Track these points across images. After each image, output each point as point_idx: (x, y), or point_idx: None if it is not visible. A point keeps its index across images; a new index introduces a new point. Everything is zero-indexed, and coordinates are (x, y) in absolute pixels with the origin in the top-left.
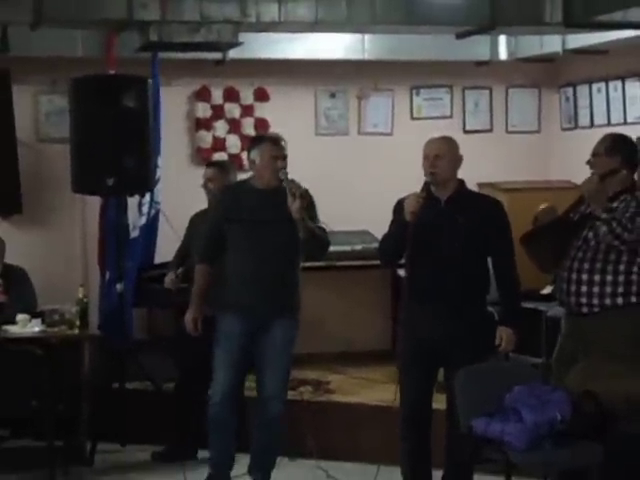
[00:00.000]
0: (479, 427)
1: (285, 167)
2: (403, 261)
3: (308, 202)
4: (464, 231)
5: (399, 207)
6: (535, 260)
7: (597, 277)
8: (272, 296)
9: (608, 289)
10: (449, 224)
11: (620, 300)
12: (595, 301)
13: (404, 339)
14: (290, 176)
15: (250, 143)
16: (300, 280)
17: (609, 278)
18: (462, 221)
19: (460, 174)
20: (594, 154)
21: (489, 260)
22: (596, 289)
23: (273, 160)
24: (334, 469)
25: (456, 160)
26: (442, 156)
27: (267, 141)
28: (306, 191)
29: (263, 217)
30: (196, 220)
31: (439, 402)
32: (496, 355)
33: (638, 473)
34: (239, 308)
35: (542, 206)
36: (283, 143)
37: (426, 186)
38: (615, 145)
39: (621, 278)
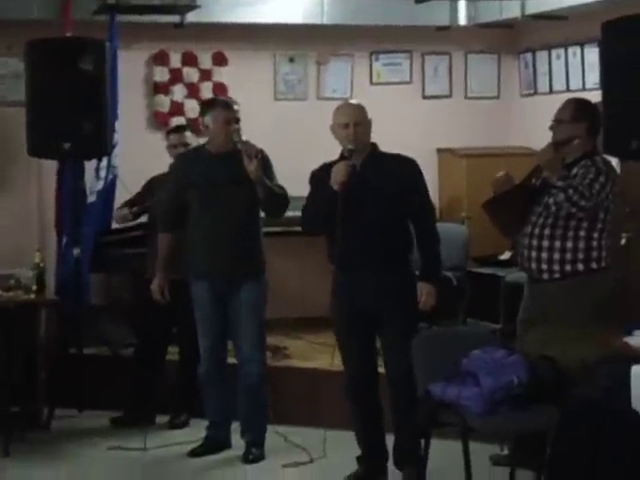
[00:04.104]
0: (436, 392)
1: (239, 130)
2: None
3: (264, 162)
4: (382, 193)
5: (317, 179)
6: (497, 226)
7: (557, 243)
8: (233, 260)
9: (568, 255)
10: (366, 188)
11: (580, 266)
12: (555, 267)
13: (336, 307)
14: (245, 138)
15: (202, 108)
16: (262, 241)
17: (569, 244)
18: (379, 184)
19: (419, 139)
20: (558, 120)
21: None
22: (556, 255)
23: (227, 124)
24: (292, 434)
25: (370, 125)
26: (361, 123)
27: (220, 105)
28: (261, 151)
29: (219, 181)
30: (157, 183)
31: None
32: (455, 322)
33: (591, 435)
34: (203, 274)
35: (498, 174)
36: (236, 106)
37: (349, 153)
38: (580, 111)
39: (581, 244)
